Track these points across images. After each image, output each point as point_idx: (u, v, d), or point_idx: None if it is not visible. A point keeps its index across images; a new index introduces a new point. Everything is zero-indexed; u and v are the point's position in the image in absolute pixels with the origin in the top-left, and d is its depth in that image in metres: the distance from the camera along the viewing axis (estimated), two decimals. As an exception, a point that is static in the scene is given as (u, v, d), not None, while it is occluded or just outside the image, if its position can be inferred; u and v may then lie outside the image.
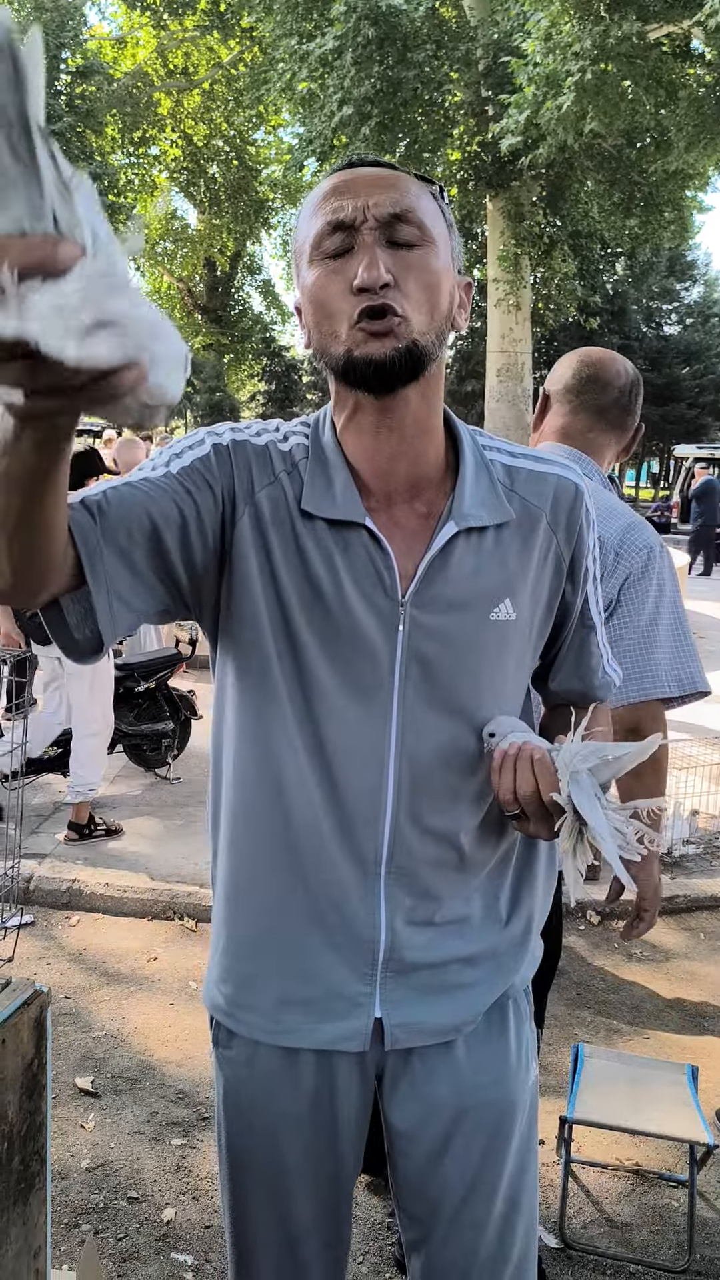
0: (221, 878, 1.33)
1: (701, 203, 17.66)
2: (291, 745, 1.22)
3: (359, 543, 1.18)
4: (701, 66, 11.92)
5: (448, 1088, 1.31)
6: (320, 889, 1.24)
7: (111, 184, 19.67)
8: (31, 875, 4.22)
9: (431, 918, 1.27)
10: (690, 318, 39.61)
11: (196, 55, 21.18)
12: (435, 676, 1.21)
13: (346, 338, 1.12)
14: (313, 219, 1.14)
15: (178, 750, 5.61)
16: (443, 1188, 1.32)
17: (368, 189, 1.11)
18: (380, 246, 1.10)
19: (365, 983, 1.26)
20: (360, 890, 1.24)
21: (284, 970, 1.27)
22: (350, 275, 1.10)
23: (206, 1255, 2.37)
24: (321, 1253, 1.35)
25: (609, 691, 1.44)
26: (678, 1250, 2.46)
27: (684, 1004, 3.62)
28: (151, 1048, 3.20)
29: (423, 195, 1.14)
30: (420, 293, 1.11)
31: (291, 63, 13.20)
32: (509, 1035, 1.35)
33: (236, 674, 1.24)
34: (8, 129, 0.58)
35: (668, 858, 4.74)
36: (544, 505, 1.26)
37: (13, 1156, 1.47)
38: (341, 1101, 1.31)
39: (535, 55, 11.25)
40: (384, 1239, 2.44)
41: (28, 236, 0.58)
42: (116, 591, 1.08)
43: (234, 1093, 1.34)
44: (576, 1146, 2.75)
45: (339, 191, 1.12)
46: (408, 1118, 1.32)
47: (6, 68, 0.57)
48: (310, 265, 1.15)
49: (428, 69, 13.05)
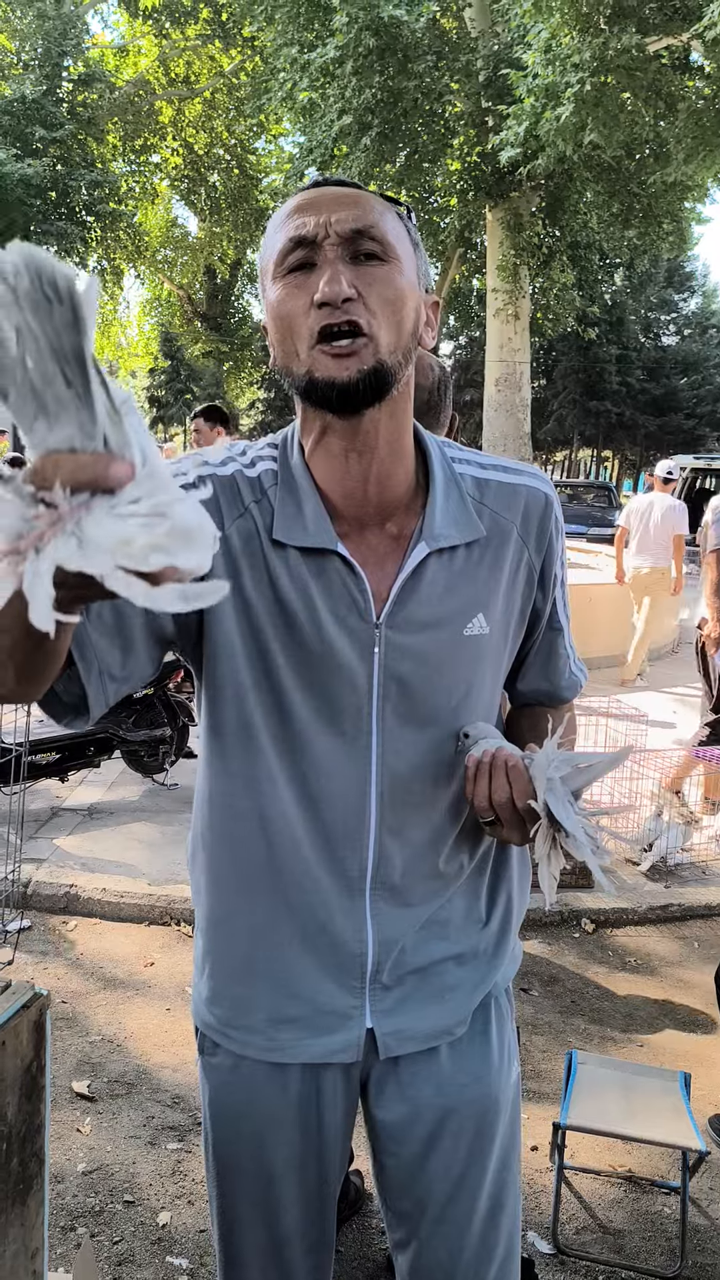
0: (206, 906, 1.34)
1: (700, 214, 17.71)
2: (270, 775, 1.23)
3: (332, 569, 1.18)
4: (700, 79, 11.98)
5: (432, 1088, 1.33)
6: (306, 911, 1.25)
7: (112, 191, 19.72)
8: (29, 880, 4.23)
9: (416, 925, 1.28)
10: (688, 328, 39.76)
11: (198, 64, 21.26)
12: (413, 694, 1.22)
13: (307, 357, 1.10)
14: (276, 235, 1.13)
15: (175, 756, 5.61)
16: (429, 1186, 1.34)
17: (331, 206, 1.10)
18: (343, 262, 1.09)
19: (355, 995, 1.27)
20: (346, 908, 1.25)
21: (274, 992, 1.28)
22: (312, 291, 1.09)
23: (201, 1259, 2.38)
24: (307, 1256, 1.37)
25: (575, 691, 1.45)
26: (670, 1256, 2.47)
27: (677, 1012, 3.64)
28: (148, 1052, 3.21)
29: (387, 214, 1.13)
30: (384, 308, 1.10)
31: (292, 72, 13.26)
32: (491, 1035, 1.37)
33: (214, 707, 1.25)
34: (64, 362, 0.62)
35: (661, 866, 4.75)
36: (514, 518, 1.26)
37: (11, 1158, 1.48)
38: (327, 1107, 1.32)
39: (535, 67, 11.30)
40: (375, 1244, 2.46)
41: (79, 454, 0.60)
42: (108, 671, 1.12)
43: (220, 1100, 1.35)
44: (570, 1153, 2.77)
45: (302, 209, 1.11)
46: (395, 1118, 1.34)
47: (68, 313, 0.61)
48: (274, 282, 1.13)
49: (428, 79, 13.10)
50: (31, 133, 18.15)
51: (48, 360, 0.61)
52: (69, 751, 5.16)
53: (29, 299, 0.60)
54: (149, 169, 22.58)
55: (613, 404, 35.90)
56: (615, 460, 50.40)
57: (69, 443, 0.62)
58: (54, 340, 0.61)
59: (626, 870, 4.77)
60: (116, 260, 21.59)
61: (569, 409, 36.38)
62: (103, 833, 4.94)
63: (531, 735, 1.35)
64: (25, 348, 0.61)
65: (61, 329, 0.61)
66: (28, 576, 0.58)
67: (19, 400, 0.63)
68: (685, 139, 12.08)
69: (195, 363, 31.70)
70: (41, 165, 17.96)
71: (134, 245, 21.38)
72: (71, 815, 5.17)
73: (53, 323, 0.61)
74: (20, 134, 18.21)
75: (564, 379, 36.23)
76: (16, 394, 0.62)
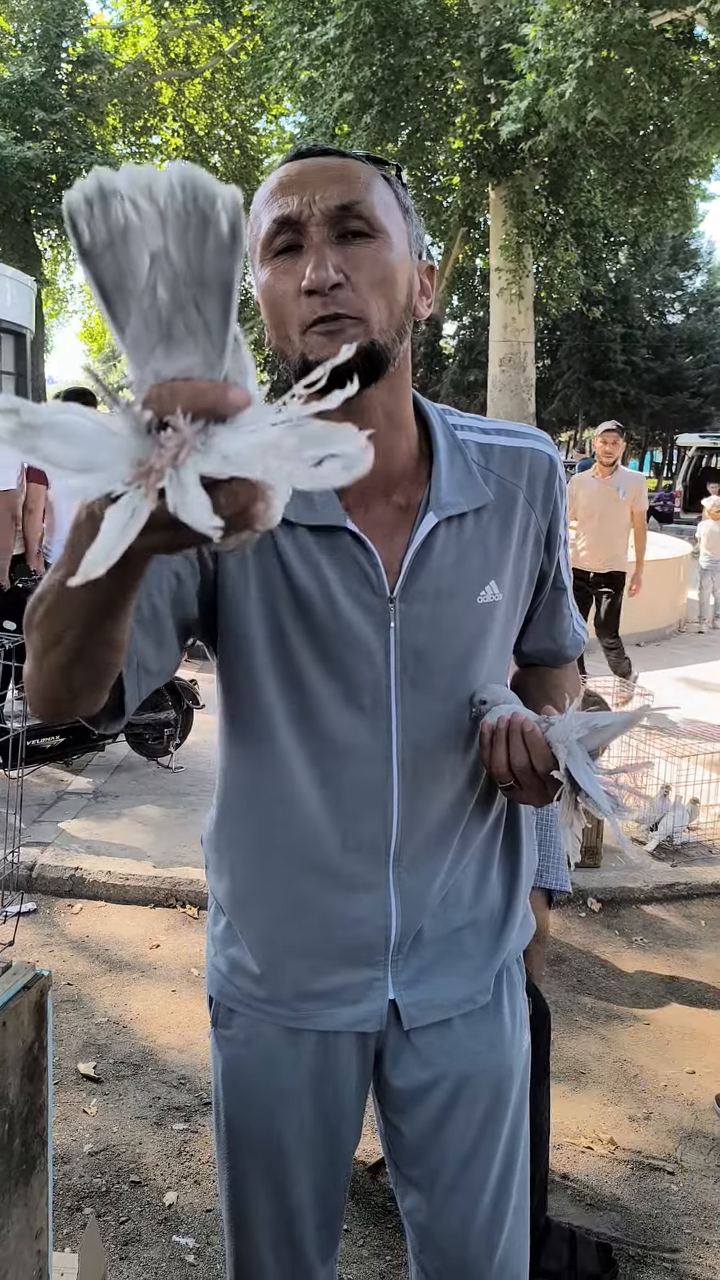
0: (228, 885, 1.33)
1: (705, 191, 17.62)
2: (291, 754, 1.22)
3: (342, 545, 1.17)
4: (705, 53, 11.88)
5: (448, 1057, 1.33)
6: (330, 887, 1.25)
7: (113, 173, 19.60)
8: (34, 863, 4.24)
9: (437, 896, 1.28)
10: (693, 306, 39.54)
11: (198, 44, 21.12)
12: (430, 665, 1.21)
13: (300, 342, 1.09)
14: (260, 215, 1.11)
15: (180, 739, 5.62)
16: (442, 1154, 1.34)
17: (315, 182, 1.07)
18: (329, 244, 1.07)
19: (378, 968, 1.28)
20: (370, 884, 1.25)
21: (301, 966, 1.29)
22: (300, 275, 1.07)
23: (208, 1238, 2.39)
24: (317, 1232, 1.37)
25: (578, 649, 1.45)
26: (673, 1233, 2.47)
27: (684, 990, 3.64)
28: (153, 1034, 3.22)
29: (374, 182, 1.10)
30: (374, 288, 1.08)
31: (293, 51, 13.18)
32: (504, 1003, 1.37)
33: (232, 689, 1.25)
34: (203, 289, 0.59)
35: (668, 845, 4.75)
36: (520, 482, 1.25)
37: (14, 1138, 1.48)
38: (342, 1079, 1.32)
39: (537, 42, 11.21)
40: (384, 1223, 2.46)
41: (196, 382, 0.59)
42: (144, 666, 1.11)
43: (233, 1072, 1.35)
44: (572, 1130, 2.77)
45: (285, 187, 1.09)
46: (411, 1085, 1.34)
47: (224, 237, 0.58)
48: (262, 265, 1.12)
49: (429, 56, 13.02)
50: (31, 115, 18.07)
51: (184, 287, 0.59)
52: (73, 735, 5.16)
53: (179, 221, 0.58)
54: (149, 150, 22.47)
55: (618, 383, 35.71)
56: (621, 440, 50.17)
57: (189, 372, 0.60)
58: (198, 266, 0.58)
59: (633, 849, 4.76)
60: (118, 243, 21.50)
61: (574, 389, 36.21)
62: (107, 816, 4.94)
63: (540, 695, 1.36)
64: (159, 273, 0.59)
65: (213, 253, 0.58)
66: (172, 490, 0.56)
67: (140, 329, 0.60)
68: (690, 114, 11.99)
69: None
70: (41, 148, 17.89)
71: (136, 227, 21.26)
72: (76, 798, 5.17)
73: (204, 246, 0.58)
74: (20, 116, 18.13)
75: (568, 358, 36.04)
76: (140, 322, 0.60)
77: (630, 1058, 3.20)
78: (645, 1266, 2.38)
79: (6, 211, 18.63)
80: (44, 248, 20.97)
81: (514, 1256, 1.39)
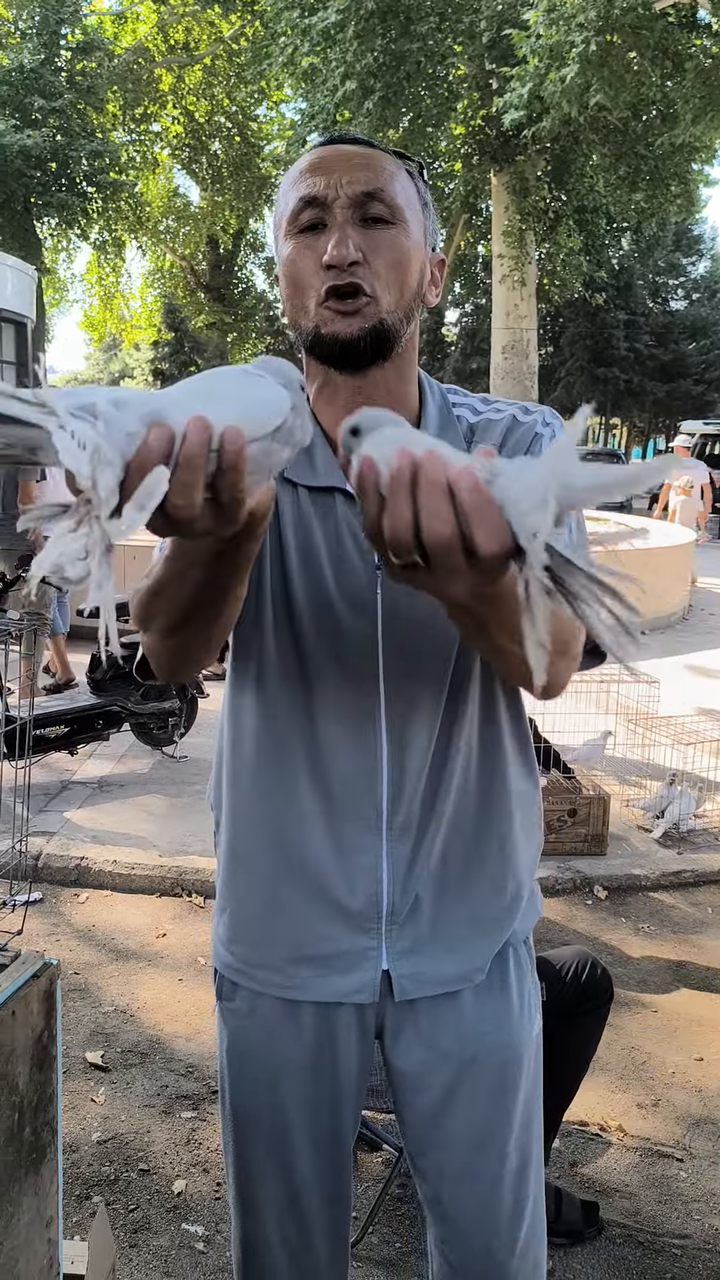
0: (224, 844, 1.35)
1: (708, 176, 17.56)
2: (284, 712, 1.25)
3: (338, 505, 1.22)
4: (708, 37, 11.81)
5: (451, 1037, 1.32)
6: (323, 850, 1.26)
7: (113, 161, 19.53)
8: (40, 852, 4.24)
9: (430, 866, 1.28)
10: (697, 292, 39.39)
11: (197, 30, 20.98)
12: (415, 628, 1.22)
13: (315, 314, 1.16)
14: (290, 193, 1.18)
15: (184, 728, 5.61)
16: (449, 1140, 1.34)
17: (343, 167, 1.15)
18: (351, 225, 1.14)
19: (371, 936, 1.28)
20: (362, 846, 1.26)
21: (292, 930, 1.29)
22: (321, 251, 1.14)
23: (217, 1226, 2.39)
24: (323, 1209, 1.37)
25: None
26: (684, 1220, 2.47)
27: (691, 977, 3.63)
28: (160, 1022, 3.22)
29: (398, 174, 1.18)
30: (389, 271, 1.15)
31: (293, 37, 13.11)
32: (510, 985, 1.36)
33: (235, 649, 1.28)
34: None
35: (674, 832, 4.74)
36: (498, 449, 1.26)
37: (24, 1127, 1.48)
38: (342, 1053, 1.32)
39: (538, 27, 11.13)
40: (394, 1209, 2.46)
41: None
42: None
43: (237, 1045, 1.36)
44: (580, 1118, 2.77)
45: (314, 169, 1.16)
46: (412, 1066, 1.33)
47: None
48: (285, 239, 1.19)
49: (431, 42, 12.95)
50: (30, 103, 17.98)
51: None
52: (77, 725, 5.16)
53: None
54: (149, 138, 22.35)
55: (621, 370, 35.62)
56: (624, 427, 50.12)
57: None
58: None
59: (639, 837, 4.76)
60: (118, 231, 21.42)
61: (576, 376, 36.11)
62: (112, 805, 4.94)
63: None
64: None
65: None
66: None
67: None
68: (693, 99, 11.92)
69: (199, 334, 31.53)
70: (41, 136, 17.80)
71: (135, 216, 21.20)
72: (81, 788, 5.17)
73: None
74: (19, 104, 18.04)
75: (571, 345, 35.94)
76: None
77: (638, 1044, 3.19)
78: (655, 1253, 2.38)
79: (6, 199, 18.54)
80: (44, 236, 20.88)
81: (535, 1243, 1.39)
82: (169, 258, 25.97)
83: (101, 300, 23.88)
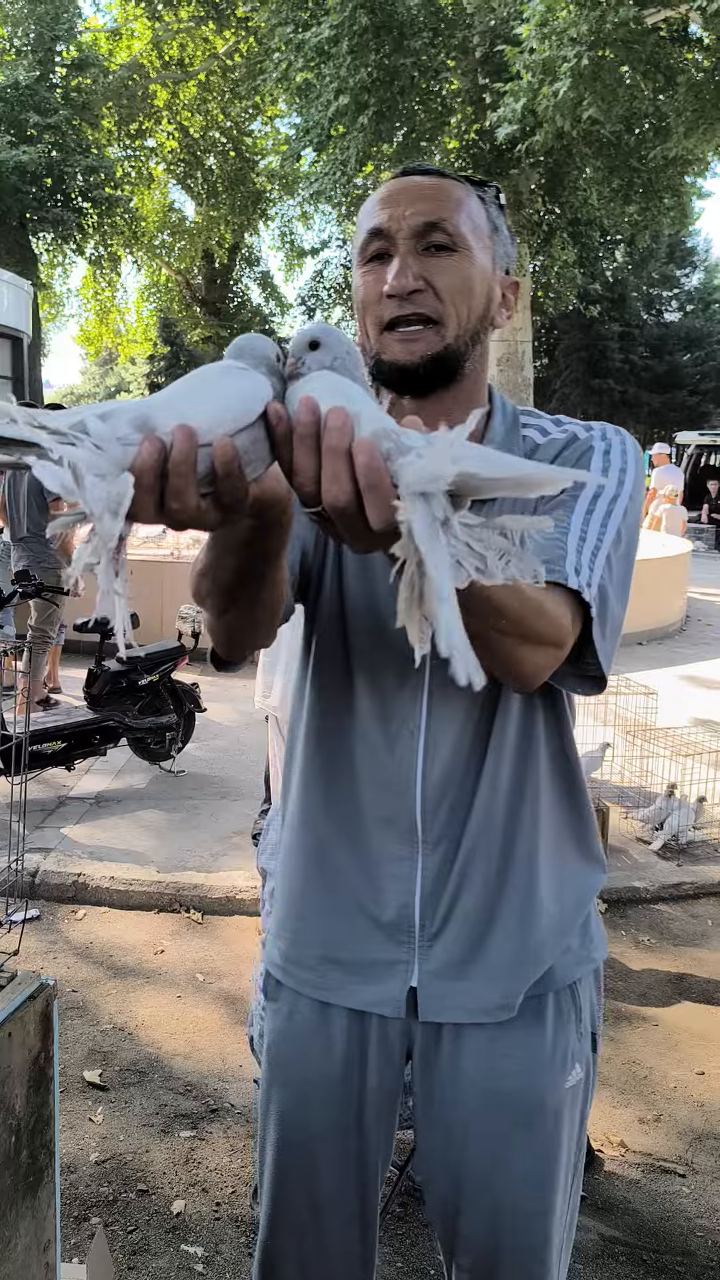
0: (286, 837, 1.40)
1: (701, 189, 17.57)
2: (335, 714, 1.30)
3: None
4: (700, 51, 11.86)
5: (475, 1066, 1.30)
6: (359, 855, 1.29)
7: (108, 177, 19.61)
8: (37, 869, 4.22)
9: (461, 886, 1.27)
10: (691, 304, 39.47)
11: (192, 46, 21.07)
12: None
13: (376, 341, 1.21)
14: (362, 225, 1.24)
15: (182, 743, 5.60)
16: (464, 1172, 1.32)
17: (408, 199, 1.20)
18: (413, 254, 1.19)
19: (402, 949, 1.29)
20: (397, 856, 1.28)
21: (327, 930, 1.33)
22: (384, 281, 1.19)
23: (217, 1247, 2.37)
24: (344, 1228, 1.37)
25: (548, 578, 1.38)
26: (687, 1236, 2.45)
27: (692, 989, 3.62)
28: (159, 1040, 3.20)
29: (467, 200, 1.21)
30: (451, 295, 1.18)
31: (287, 52, 13.14)
32: (545, 1030, 1.31)
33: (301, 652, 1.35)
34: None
35: (674, 844, 4.73)
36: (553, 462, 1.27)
37: (20, 1150, 1.46)
38: (371, 1071, 1.33)
39: (531, 41, 11.17)
40: (394, 1229, 2.44)
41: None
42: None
43: (276, 1045, 1.39)
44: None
45: (384, 201, 1.21)
46: (431, 1091, 1.33)
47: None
48: (357, 269, 1.25)
49: (424, 57, 12.98)
50: (26, 119, 18.05)
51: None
52: (75, 740, 5.14)
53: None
54: (144, 153, 22.44)
55: (616, 382, 35.66)
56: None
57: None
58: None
59: (638, 849, 4.74)
60: (114, 246, 21.49)
61: (572, 388, 36.16)
62: (110, 821, 4.93)
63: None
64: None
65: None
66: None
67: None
68: (685, 112, 11.96)
69: (195, 348, 31.53)
70: (36, 152, 17.87)
71: (131, 231, 21.28)
72: (78, 804, 5.15)
73: None
74: (14, 120, 18.12)
75: (566, 358, 35.99)
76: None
77: (639, 1059, 3.18)
78: (659, 1272, 2.36)
79: (2, 215, 18.60)
80: (40, 251, 20.95)
81: None
82: (164, 272, 26.01)
83: (97, 315, 23.91)
